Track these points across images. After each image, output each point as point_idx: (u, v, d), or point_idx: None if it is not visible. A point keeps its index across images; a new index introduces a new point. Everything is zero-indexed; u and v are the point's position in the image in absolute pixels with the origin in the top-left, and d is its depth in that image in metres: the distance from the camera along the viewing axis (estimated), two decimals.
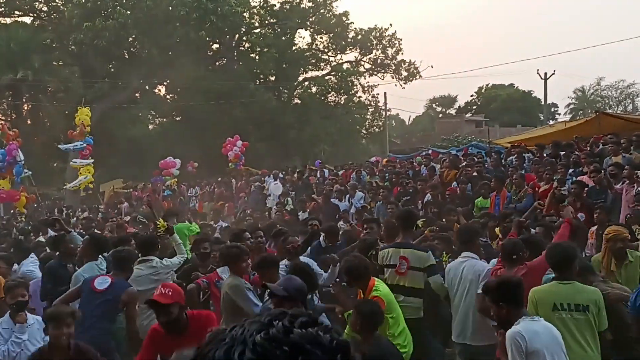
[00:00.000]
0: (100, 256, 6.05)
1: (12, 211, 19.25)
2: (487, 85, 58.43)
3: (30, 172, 19.10)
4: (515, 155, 12.92)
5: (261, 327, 0.89)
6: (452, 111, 62.34)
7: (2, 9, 34.47)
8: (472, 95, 59.98)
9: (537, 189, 9.68)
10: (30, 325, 4.74)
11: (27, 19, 35.56)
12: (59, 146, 22.72)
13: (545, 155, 12.26)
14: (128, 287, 5.23)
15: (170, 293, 3.95)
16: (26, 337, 4.65)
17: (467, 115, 51.86)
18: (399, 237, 5.89)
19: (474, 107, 57.84)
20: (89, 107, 21.70)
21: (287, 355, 0.85)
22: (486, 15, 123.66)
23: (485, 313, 4.47)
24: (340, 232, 7.71)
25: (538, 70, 35.09)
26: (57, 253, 6.78)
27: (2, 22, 34.61)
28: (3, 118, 32.99)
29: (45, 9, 35.62)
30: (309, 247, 6.78)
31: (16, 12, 34.96)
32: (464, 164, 13.31)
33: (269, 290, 3.89)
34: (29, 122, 35.82)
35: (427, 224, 7.54)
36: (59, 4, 34.44)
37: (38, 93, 33.61)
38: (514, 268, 4.78)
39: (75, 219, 18.13)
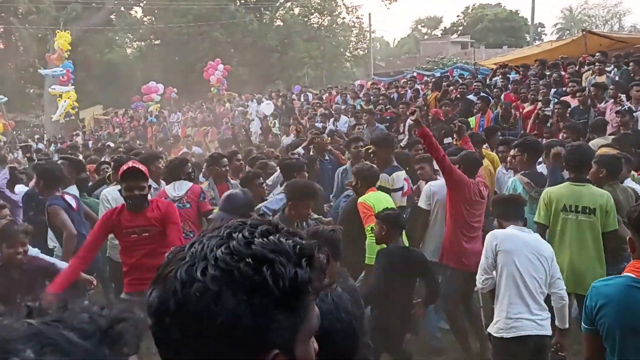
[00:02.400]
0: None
1: None
2: (474, 5, 57.18)
3: (5, 99, 18.58)
4: (500, 76, 12.81)
5: (221, 241, 0.87)
6: (438, 32, 61.20)
7: None
8: (458, 16, 58.78)
9: (520, 110, 9.68)
10: None
11: None
12: (39, 71, 21.96)
13: (530, 75, 12.18)
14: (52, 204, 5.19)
15: (143, 168, 4.05)
16: None
17: (452, 37, 50.93)
18: (391, 161, 5.72)
19: (460, 28, 56.76)
20: (68, 31, 20.83)
21: (251, 267, 0.83)
22: None
23: None
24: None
25: None
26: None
27: None
28: None
29: None
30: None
31: None
32: (445, 84, 13.19)
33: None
34: (1, 46, 34.53)
35: (409, 147, 7.54)
36: None
37: (9, 16, 32.18)
38: None
39: (54, 146, 17.90)
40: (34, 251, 4.80)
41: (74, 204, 5.30)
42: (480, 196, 4.93)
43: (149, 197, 4.21)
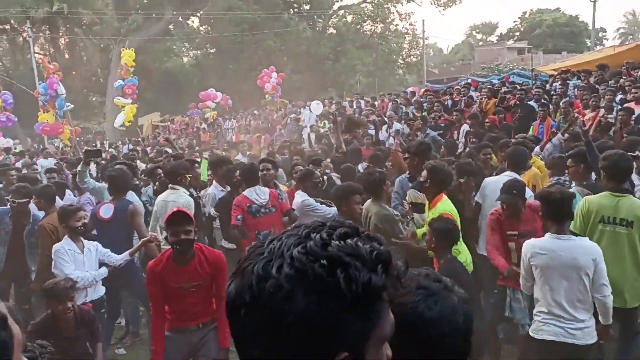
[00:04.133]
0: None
1: (57, 144, 19.81)
2: (531, 10, 55.78)
3: (71, 106, 19.43)
4: (560, 82, 12.42)
5: (299, 240, 0.88)
6: (493, 38, 60.06)
7: None
8: (514, 21, 57.53)
9: (582, 116, 9.34)
10: (89, 250, 4.97)
11: None
12: (114, 85, 22.95)
13: (592, 82, 11.76)
14: (129, 204, 5.44)
15: (190, 212, 3.93)
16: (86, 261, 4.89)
17: (509, 43, 49.79)
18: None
19: (517, 34, 55.45)
20: (132, 48, 21.75)
21: (325, 269, 0.83)
22: None
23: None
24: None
25: None
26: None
27: None
28: (42, 52, 33.34)
29: None
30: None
31: None
32: (503, 90, 12.89)
33: None
34: (66, 56, 36.15)
35: (467, 156, 7.30)
36: None
37: (74, 27, 33.69)
38: None
39: (114, 151, 18.56)
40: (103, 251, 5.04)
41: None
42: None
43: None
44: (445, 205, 4.42)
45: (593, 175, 5.24)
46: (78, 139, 20.84)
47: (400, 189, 5.66)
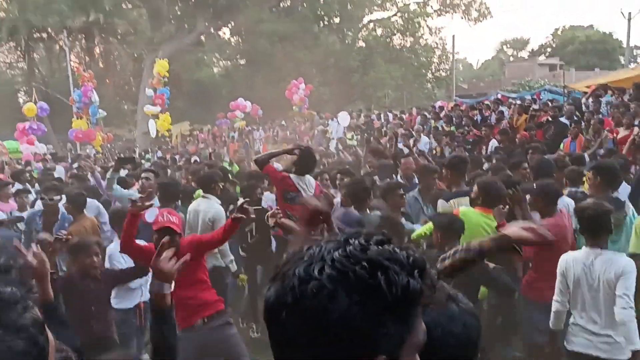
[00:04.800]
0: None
1: (88, 151, 20.22)
2: (563, 26, 55.16)
3: (105, 113, 19.85)
4: (592, 99, 12.23)
5: (338, 245, 0.92)
6: (524, 54, 59.45)
7: None
8: (546, 37, 56.94)
9: (615, 134, 9.17)
10: None
11: None
12: (146, 91, 23.42)
13: (626, 99, 11.54)
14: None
15: (178, 222, 4.01)
16: None
17: (540, 59, 49.26)
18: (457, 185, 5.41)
19: (548, 50, 54.83)
20: (165, 59, 22.16)
21: (367, 271, 0.86)
22: None
23: None
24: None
25: (621, 9, 32.69)
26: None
27: None
28: (77, 61, 34.18)
29: None
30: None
31: None
32: (534, 107, 12.75)
33: None
34: (101, 65, 36.99)
35: (493, 172, 7.20)
36: None
37: (109, 36, 34.48)
38: None
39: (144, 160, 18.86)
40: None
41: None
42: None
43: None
44: (468, 213, 4.36)
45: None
46: (109, 145, 21.26)
47: (409, 208, 5.64)
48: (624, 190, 5.27)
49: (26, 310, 1.09)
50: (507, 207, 4.51)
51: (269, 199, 6.79)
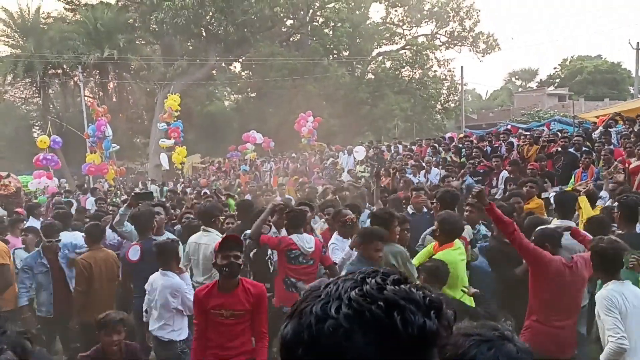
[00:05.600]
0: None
1: (102, 183, 20.42)
2: (572, 56, 55.47)
3: (117, 147, 20.12)
4: (603, 129, 12.22)
5: (355, 284, 0.92)
6: (533, 85, 59.74)
7: None
8: (555, 68, 57.16)
9: (627, 165, 9.13)
10: None
11: (112, 0, 37.12)
12: (158, 125, 23.80)
13: (636, 129, 11.52)
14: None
15: (237, 239, 4.02)
16: None
17: (549, 89, 49.44)
18: None
19: (557, 80, 55.03)
20: (178, 93, 22.56)
21: (383, 310, 0.86)
22: None
23: None
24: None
25: (629, 39, 32.93)
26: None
27: (89, 3, 36.29)
28: (91, 96, 34.81)
29: None
30: None
31: None
32: (546, 138, 12.75)
33: None
34: (114, 99, 37.61)
35: (505, 200, 7.29)
36: None
37: (123, 71, 35.16)
38: None
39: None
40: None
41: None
42: (572, 275, 4.27)
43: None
44: (445, 255, 4.54)
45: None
46: (122, 178, 21.48)
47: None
48: None
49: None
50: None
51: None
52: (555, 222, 5.30)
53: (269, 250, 5.77)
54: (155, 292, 4.77)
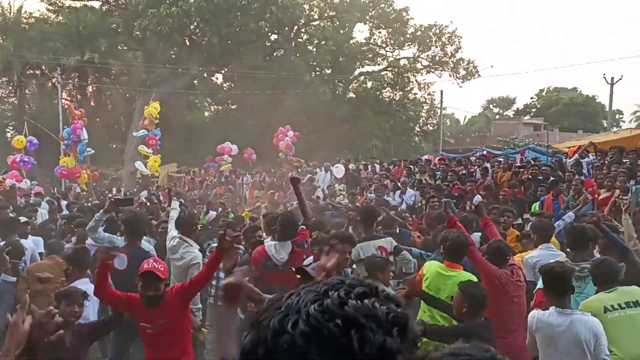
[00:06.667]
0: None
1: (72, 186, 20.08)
2: (548, 87, 56.69)
3: (92, 151, 19.84)
4: (574, 160, 12.49)
5: (316, 297, 0.88)
6: (510, 113, 60.82)
7: None
8: (532, 98, 58.37)
9: (596, 196, 9.32)
10: None
11: (96, 3, 36.86)
12: (134, 133, 23.61)
13: (607, 162, 11.80)
14: (144, 256, 5.22)
15: (163, 269, 4.08)
16: None
17: (525, 118, 50.44)
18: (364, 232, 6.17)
19: (533, 110, 56.19)
20: (158, 101, 22.38)
21: (340, 329, 0.83)
22: (552, 15, 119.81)
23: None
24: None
25: (604, 74, 33.84)
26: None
27: (73, 5, 35.99)
28: (69, 98, 34.34)
29: None
30: None
31: None
32: (517, 164, 12.98)
33: None
34: (92, 103, 37.16)
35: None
36: None
37: (102, 76, 34.82)
38: None
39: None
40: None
41: None
42: (513, 284, 4.68)
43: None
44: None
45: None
46: (95, 184, 21.15)
47: None
48: None
49: None
50: None
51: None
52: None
53: None
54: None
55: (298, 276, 3.07)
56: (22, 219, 8.19)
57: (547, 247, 5.61)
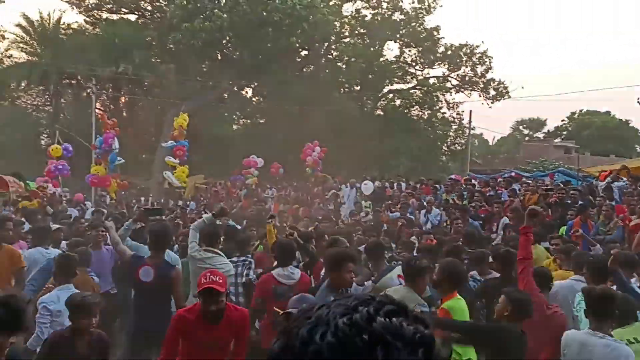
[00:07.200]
0: None
1: (102, 194, 20.46)
2: (580, 110, 55.82)
3: (123, 161, 20.19)
4: (604, 184, 12.25)
5: (346, 310, 0.89)
6: (540, 135, 59.99)
7: (111, 5, 36.91)
8: (563, 120, 57.54)
9: (628, 222, 9.11)
10: None
11: (132, 17, 37.82)
12: (162, 144, 24.05)
13: (639, 187, 11.54)
14: (172, 270, 5.33)
15: (221, 281, 3.95)
16: None
17: (556, 140, 49.69)
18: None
19: (564, 133, 55.37)
20: (187, 113, 22.75)
21: (366, 344, 0.84)
22: (585, 38, 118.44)
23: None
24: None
25: (638, 98, 33.12)
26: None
27: (110, 18, 36.96)
28: (102, 108, 35.13)
29: (149, 8, 37.77)
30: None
31: (123, 10, 37.31)
32: (546, 188, 12.78)
33: None
34: (124, 114, 37.93)
35: (505, 244, 7.27)
36: (162, 4, 36.33)
37: (135, 87, 35.53)
38: None
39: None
40: None
41: None
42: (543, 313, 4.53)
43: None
44: (452, 303, 4.39)
45: None
46: (124, 193, 21.50)
47: None
48: None
49: None
50: None
51: None
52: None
53: None
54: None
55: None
56: (54, 226, 8.36)
57: (578, 279, 5.32)
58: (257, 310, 5.33)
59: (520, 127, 64.39)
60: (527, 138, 59.92)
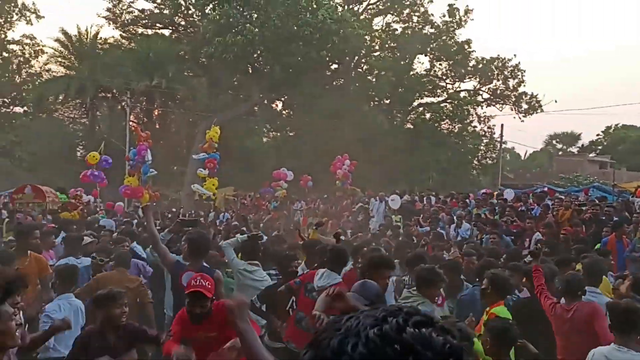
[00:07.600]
0: None
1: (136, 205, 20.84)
2: (616, 125, 54.59)
3: (155, 172, 20.51)
4: None
5: (375, 321, 0.90)
6: (574, 149, 58.82)
7: (146, 21, 37.86)
8: (597, 135, 56.33)
9: None
10: None
11: (167, 32, 38.70)
12: (193, 156, 24.43)
13: None
14: (213, 272, 5.37)
15: (210, 286, 4.07)
16: None
17: (590, 155, 48.63)
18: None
19: (599, 147, 54.16)
20: (219, 125, 23.08)
21: (398, 354, 0.85)
22: (620, 50, 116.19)
23: None
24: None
25: None
26: None
27: (145, 33, 37.88)
28: (136, 121, 35.86)
29: (183, 23, 38.62)
30: None
31: (157, 25, 38.24)
32: (579, 203, 12.53)
33: None
34: (157, 126, 38.65)
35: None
36: (195, 20, 37.10)
37: (168, 100, 36.22)
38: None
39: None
40: None
41: None
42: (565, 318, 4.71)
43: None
44: (500, 309, 4.37)
45: None
46: (155, 204, 21.83)
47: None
48: None
49: None
50: None
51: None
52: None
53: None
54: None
55: None
56: (87, 239, 8.55)
57: (591, 292, 5.03)
58: (282, 295, 5.36)
59: (554, 141, 63.34)
60: (560, 153, 58.84)
